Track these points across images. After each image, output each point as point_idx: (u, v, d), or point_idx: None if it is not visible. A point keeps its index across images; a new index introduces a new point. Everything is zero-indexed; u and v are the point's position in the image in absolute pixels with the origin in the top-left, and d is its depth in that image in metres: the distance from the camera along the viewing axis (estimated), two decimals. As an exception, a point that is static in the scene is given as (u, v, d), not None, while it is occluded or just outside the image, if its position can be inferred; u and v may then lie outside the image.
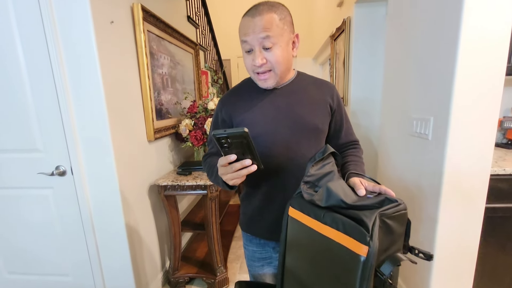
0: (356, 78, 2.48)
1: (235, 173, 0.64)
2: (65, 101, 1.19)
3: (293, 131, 0.80)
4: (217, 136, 0.57)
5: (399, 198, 0.54)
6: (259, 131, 0.80)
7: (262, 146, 0.80)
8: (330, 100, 0.85)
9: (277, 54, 0.73)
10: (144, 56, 1.45)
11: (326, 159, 0.66)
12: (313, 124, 0.81)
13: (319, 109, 0.83)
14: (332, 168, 0.65)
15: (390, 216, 0.51)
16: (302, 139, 0.81)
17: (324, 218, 0.58)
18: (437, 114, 1.16)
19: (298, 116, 0.80)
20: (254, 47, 0.73)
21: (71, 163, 1.26)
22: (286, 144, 0.80)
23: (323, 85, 0.87)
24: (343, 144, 0.90)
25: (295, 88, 0.84)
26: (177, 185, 1.50)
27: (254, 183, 0.86)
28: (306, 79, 0.88)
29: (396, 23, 1.55)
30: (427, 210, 1.23)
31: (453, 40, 1.04)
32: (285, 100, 0.82)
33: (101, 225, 1.35)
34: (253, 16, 0.72)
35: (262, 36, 0.71)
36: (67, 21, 1.13)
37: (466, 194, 1.14)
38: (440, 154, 1.13)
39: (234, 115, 0.84)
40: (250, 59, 0.75)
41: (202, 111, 1.83)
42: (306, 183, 0.64)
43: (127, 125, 1.37)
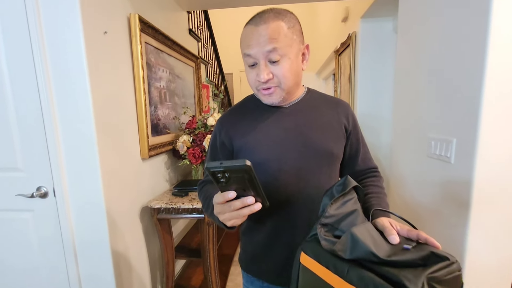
0: (362, 94, 2.40)
1: (235, 213, 0.51)
2: (50, 116, 1.08)
3: (303, 157, 0.68)
4: (211, 170, 0.45)
5: (449, 254, 0.41)
6: (263, 156, 0.68)
7: (267, 174, 0.68)
8: (345, 121, 0.74)
9: (285, 68, 0.63)
10: (140, 69, 1.36)
11: (347, 195, 0.53)
12: (326, 148, 0.69)
13: (333, 131, 0.72)
14: (355, 206, 0.53)
15: (442, 280, 0.39)
16: (314, 166, 0.69)
17: (349, 274, 0.45)
18: (461, 135, 1.04)
19: (309, 140, 0.69)
20: (259, 61, 0.63)
21: (54, 183, 1.14)
22: (296, 172, 0.68)
23: (337, 104, 0.76)
24: (361, 171, 0.78)
25: (305, 107, 0.73)
26: (172, 208, 1.37)
27: (258, 217, 0.72)
28: (317, 97, 0.77)
29: (407, 37, 1.46)
30: (453, 243, 1.08)
31: (480, 52, 0.93)
32: (294, 120, 0.70)
33: (85, 252, 1.21)
34: (257, 24, 0.61)
35: (268, 48, 0.60)
36: (55, 30, 1.04)
37: (497, 221, 1.00)
38: (467, 180, 1.00)
39: (234, 137, 0.72)
40: (253, 74, 0.65)
41: (202, 127, 1.72)
42: (323, 226, 0.51)
43: (118, 143, 1.25)
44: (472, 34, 0.97)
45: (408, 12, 1.46)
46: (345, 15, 2.70)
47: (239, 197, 0.50)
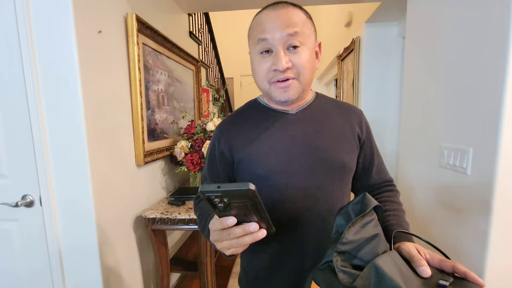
0: (366, 99, 2.34)
1: (235, 241, 0.43)
2: (37, 119, 1.01)
3: (312, 170, 0.60)
4: (207, 195, 0.38)
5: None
6: (267, 169, 0.60)
7: (272, 189, 0.60)
8: (359, 130, 0.67)
9: (305, 57, 0.56)
10: (136, 71, 1.29)
11: (367, 216, 0.46)
12: (339, 160, 0.62)
13: (346, 141, 0.64)
14: (375, 229, 0.45)
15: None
16: (324, 181, 0.61)
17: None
18: (479, 145, 0.96)
19: (319, 150, 0.61)
20: (276, 47, 0.55)
21: (41, 192, 1.06)
22: (304, 187, 0.60)
23: (350, 110, 0.69)
24: (375, 185, 0.70)
25: (315, 113, 0.65)
26: (167, 218, 1.29)
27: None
28: (327, 102, 0.69)
29: (417, 42, 1.40)
30: (470, 262, 1.00)
31: (501, 55, 0.86)
32: (302, 128, 0.63)
33: (72, 266, 1.12)
34: (275, 8, 0.55)
35: (289, 31, 0.54)
36: (45, 28, 0.98)
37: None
38: (486, 194, 0.93)
39: (235, 147, 0.64)
40: (267, 63, 0.56)
41: (201, 132, 1.65)
42: (340, 254, 0.43)
43: (111, 148, 1.18)
44: (492, 36, 0.90)
45: (417, 15, 1.40)
46: (348, 19, 2.65)
47: (240, 222, 0.42)
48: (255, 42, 0.57)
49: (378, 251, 0.43)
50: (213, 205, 0.40)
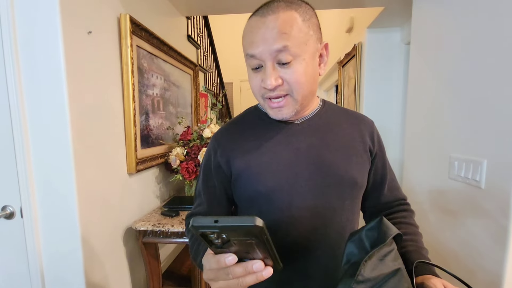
0: (368, 106, 2.28)
1: (233, 281, 0.35)
2: (19, 125, 0.94)
3: (320, 187, 0.53)
4: (200, 232, 0.30)
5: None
6: (270, 185, 0.53)
7: (275, 208, 0.54)
8: (370, 142, 0.60)
9: (299, 72, 0.48)
10: (129, 74, 1.23)
11: (385, 247, 0.38)
12: (349, 176, 0.54)
13: (357, 154, 0.57)
14: (396, 263, 0.38)
15: None
16: (334, 199, 0.54)
17: None
18: (493, 157, 0.90)
19: (327, 165, 0.54)
20: (265, 63, 0.48)
21: (22, 203, 0.98)
22: (310, 206, 0.53)
23: (360, 121, 0.62)
24: (388, 203, 0.63)
25: (322, 123, 0.58)
26: (159, 230, 1.21)
27: None
28: (335, 111, 0.62)
29: (422, 48, 1.34)
30: (488, 283, 0.92)
31: (518, 65, 0.80)
32: (308, 140, 0.56)
33: (55, 281, 1.04)
34: (263, 15, 0.48)
35: (277, 47, 0.46)
36: (30, 27, 0.91)
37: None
38: (503, 210, 0.86)
39: (233, 160, 0.57)
40: (258, 79, 0.50)
41: (197, 139, 1.58)
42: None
43: (100, 156, 1.11)
44: (505, 41, 0.85)
45: (423, 21, 1.35)
46: (350, 25, 2.61)
47: (241, 259, 0.34)
48: (245, 55, 0.51)
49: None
50: (208, 241, 0.32)
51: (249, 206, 0.58)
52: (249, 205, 0.58)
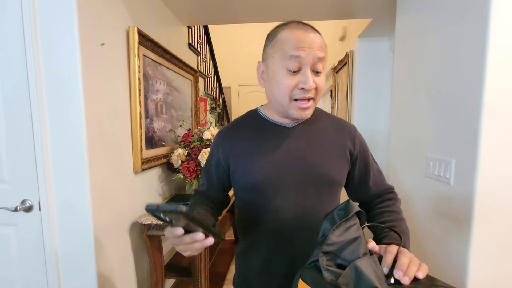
0: (359, 110, 2.41)
1: (188, 246, 0.50)
2: (40, 127, 1.05)
3: (302, 182, 0.64)
4: (151, 213, 0.44)
5: (452, 286, 0.38)
6: (259, 179, 0.65)
7: (262, 197, 0.65)
8: (351, 146, 0.70)
9: (323, 81, 0.62)
10: (136, 81, 1.35)
11: (350, 221, 0.50)
12: (328, 175, 0.65)
13: (337, 157, 0.67)
14: (357, 233, 0.49)
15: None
16: (313, 193, 0.65)
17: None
18: (461, 156, 1.02)
19: (310, 164, 0.65)
20: (305, 67, 0.58)
21: (40, 197, 1.09)
22: (293, 197, 0.65)
23: (343, 127, 0.72)
24: (374, 195, 0.73)
25: (310, 128, 0.69)
26: (163, 224, 1.32)
27: (253, 241, 0.69)
28: (323, 118, 0.73)
29: (404, 57, 1.48)
30: (454, 271, 1.04)
31: (477, 76, 0.93)
32: (298, 143, 0.66)
33: (68, 271, 1.14)
34: (306, 30, 0.59)
35: (319, 55, 0.58)
36: (50, 40, 1.03)
37: (503, 251, 0.96)
38: (467, 204, 0.98)
39: (231, 156, 0.68)
40: (294, 81, 0.59)
41: (197, 141, 1.69)
42: (325, 254, 0.48)
43: (110, 156, 1.22)
44: (469, 53, 0.97)
45: (405, 32, 1.48)
46: (342, 34, 2.75)
47: (189, 231, 0.49)
48: (285, 56, 0.58)
49: (359, 252, 0.47)
50: (161, 220, 0.47)
51: (243, 196, 0.70)
52: (243, 195, 0.70)
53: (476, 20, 0.95)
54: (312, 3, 1.79)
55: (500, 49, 0.89)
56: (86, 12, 1.06)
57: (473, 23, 0.96)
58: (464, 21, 1.01)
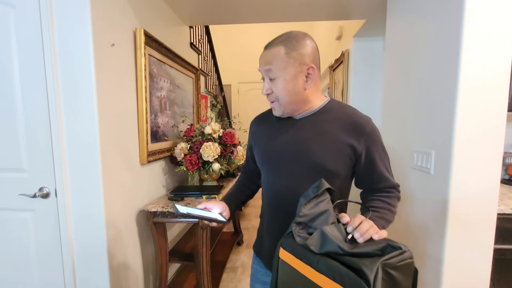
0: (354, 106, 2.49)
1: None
2: (56, 120, 1.15)
3: (297, 165, 0.75)
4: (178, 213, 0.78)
5: (404, 244, 0.48)
6: (266, 157, 0.82)
7: (269, 172, 0.82)
8: (355, 142, 0.72)
9: (279, 87, 0.73)
10: (143, 79, 1.45)
11: (321, 196, 0.60)
12: (320, 163, 0.73)
13: (334, 148, 0.73)
14: (327, 206, 0.59)
15: (395, 266, 0.45)
16: (305, 175, 0.74)
17: (319, 264, 0.51)
18: (439, 148, 1.12)
19: (306, 151, 0.74)
20: (264, 77, 0.76)
21: (56, 184, 1.20)
22: (289, 177, 0.77)
23: (352, 122, 0.74)
24: (377, 189, 0.78)
25: (315, 121, 0.76)
26: (168, 211, 1.42)
27: (264, 206, 0.87)
28: (335, 112, 0.76)
29: (394, 57, 1.57)
30: (432, 249, 1.15)
31: (452, 75, 1.03)
32: (301, 132, 0.76)
33: (82, 254, 1.25)
34: (265, 48, 0.75)
35: (265, 68, 0.73)
36: (66, 41, 1.13)
37: (473, 233, 1.07)
38: (444, 190, 1.08)
39: (254, 141, 0.89)
40: None
41: (199, 135, 1.79)
42: (298, 224, 0.58)
43: (119, 148, 1.32)
44: (447, 55, 1.07)
45: (394, 33, 1.58)
46: (339, 33, 2.84)
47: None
48: None
49: (328, 222, 0.57)
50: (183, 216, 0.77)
51: (261, 168, 0.87)
52: (261, 168, 0.87)
53: (451, 24, 1.04)
54: (309, 5, 1.88)
55: (473, 53, 0.99)
56: (98, 15, 1.15)
57: (449, 26, 1.06)
58: (442, 24, 1.11)
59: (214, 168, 1.72)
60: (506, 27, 0.98)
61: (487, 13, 0.98)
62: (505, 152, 1.59)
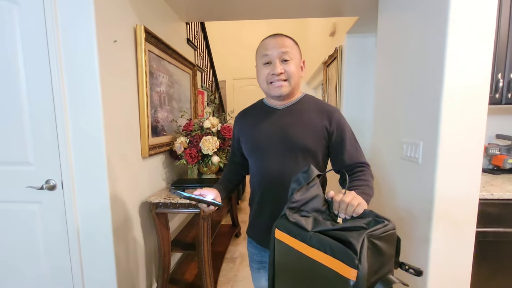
0: (348, 102, 2.58)
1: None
2: (62, 115, 1.19)
3: (282, 149, 0.86)
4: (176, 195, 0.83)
5: (387, 218, 0.55)
6: (254, 145, 0.90)
7: (257, 158, 0.90)
8: (327, 123, 0.87)
9: (293, 67, 0.85)
10: (144, 75, 1.48)
11: (311, 182, 0.67)
12: (301, 144, 0.85)
13: (312, 131, 0.86)
14: (317, 191, 0.66)
15: (379, 236, 0.52)
16: (290, 157, 0.86)
17: (311, 240, 0.58)
18: (426, 139, 1.20)
19: (289, 135, 0.86)
20: (274, 60, 0.84)
21: (62, 177, 1.24)
22: (276, 160, 0.87)
23: (324, 110, 0.89)
24: (348, 166, 0.88)
25: (295, 110, 0.89)
26: (170, 202, 1.48)
27: (253, 191, 0.95)
28: (309, 103, 0.92)
29: (385, 54, 1.64)
30: (420, 233, 1.24)
31: (439, 70, 1.11)
32: (284, 120, 0.88)
33: (88, 244, 1.30)
34: (274, 37, 0.86)
35: (283, 50, 0.84)
36: (70, 37, 1.16)
37: (457, 217, 1.16)
38: (430, 178, 1.16)
39: (241, 133, 0.97)
40: (267, 70, 0.85)
41: (198, 129, 1.84)
42: (291, 209, 0.65)
43: (122, 141, 1.36)
44: (433, 52, 1.15)
45: (385, 29, 1.65)
46: (332, 30, 2.91)
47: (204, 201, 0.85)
48: (260, 56, 0.86)
49: (318, 205, 0.64)
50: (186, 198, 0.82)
51: (248, 157, 0.97)
52: (248, 156, 0.97)
53: (436, 21, 1.12)
54: (303, 2, 1.93)
55: (456, 50, 1.07)
56: (101, 11, 1.19)
57: (435, 24, 1.13)
58: (428, 21, 1.18)
59: (213, 161, 1.78)
60: (488, 23, 1.06)
61: (470, 11, 1.05)
62: (489, 143, 1.69)
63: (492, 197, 1.20)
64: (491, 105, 1.34)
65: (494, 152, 1.63)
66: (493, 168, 1.67)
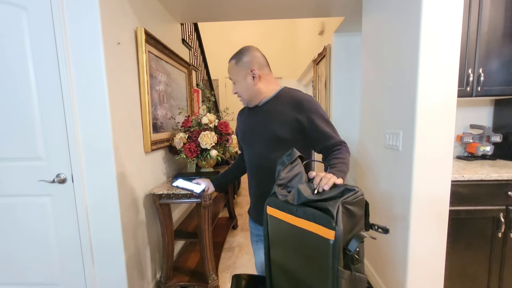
0: (336, 98, 2.72)
1: None
2: (71, 112, 1.28)
3: (261, 140, 1.03)
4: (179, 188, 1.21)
5: (356, 186, 0.67)
6: (242, 137, 1.13)
7: (246, 147, 1.12)
8: (298, 115, 0.97)
9: (238, 87, 1.06)
10: (145, 74, 1.58)
11: (294, 162, 0.79)
12: (274, 134, 0.99)
13: (285, 122, 0.98)
14: (300, 169, 0.79)
15: (351, 202, 0.64)
16: (267, 146, 1.02)
17: (297, 212, 0.69)
18: (405, 129, 1.34)
19: (265, 127, 1.01)
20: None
21: (72, 171, 1.32)
22: (258, 148, 1.04)
23: (296, 102, 0.99)
24: (327, 147, 0.99)
25: (272, 105, 1.04)
26: (173, 193, 1.58)
27: (248, 178, 1.15)
28: (284, 97, 1.02)
29: (369, 52, 1.78)
30: (400, 212, 1.38)
31: (413, 66, 1.25)
32: (262, 114, 1.05)
33: (98, 234, 1.39)
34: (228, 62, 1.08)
35: (229, 76, 1.07)
36: (78, 39, 1.25)
37: (433, 196, 1.30)
38: (409, 163, 1.31)
39: (237, 128, 1.19)
40: None
41: (196, 125, 1.94)
42: (279, 186, 0.77)
43: (127, 137, 1.46)
44: (409, 49, 1.29)
45: (369, 29, 1.79)
46: (321, 29, 3.04)
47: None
48: None
49: (302, 181, 0.76)
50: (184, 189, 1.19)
51: (242, 147, 1.18)
52: (242, 146, 1.17)
53: (411, 23, 1.25)
54: (292, 3, 2.05)
55: (428, 50, 1.20)
56: (106, 15, 1.28)
57: (410, 25, 1.26)
58: (404, 22, 1.31)
59: (211, 154, 1.88)
60: (454, 24, 1.20)
61: (440, 14, 1.19)
62: (464, 133, 1.85)
63: (463, 179, 1.35)
64: (462, 97, 1.50)
65: (468, 140, 1.80)
66: (468, 155, 1.83)
